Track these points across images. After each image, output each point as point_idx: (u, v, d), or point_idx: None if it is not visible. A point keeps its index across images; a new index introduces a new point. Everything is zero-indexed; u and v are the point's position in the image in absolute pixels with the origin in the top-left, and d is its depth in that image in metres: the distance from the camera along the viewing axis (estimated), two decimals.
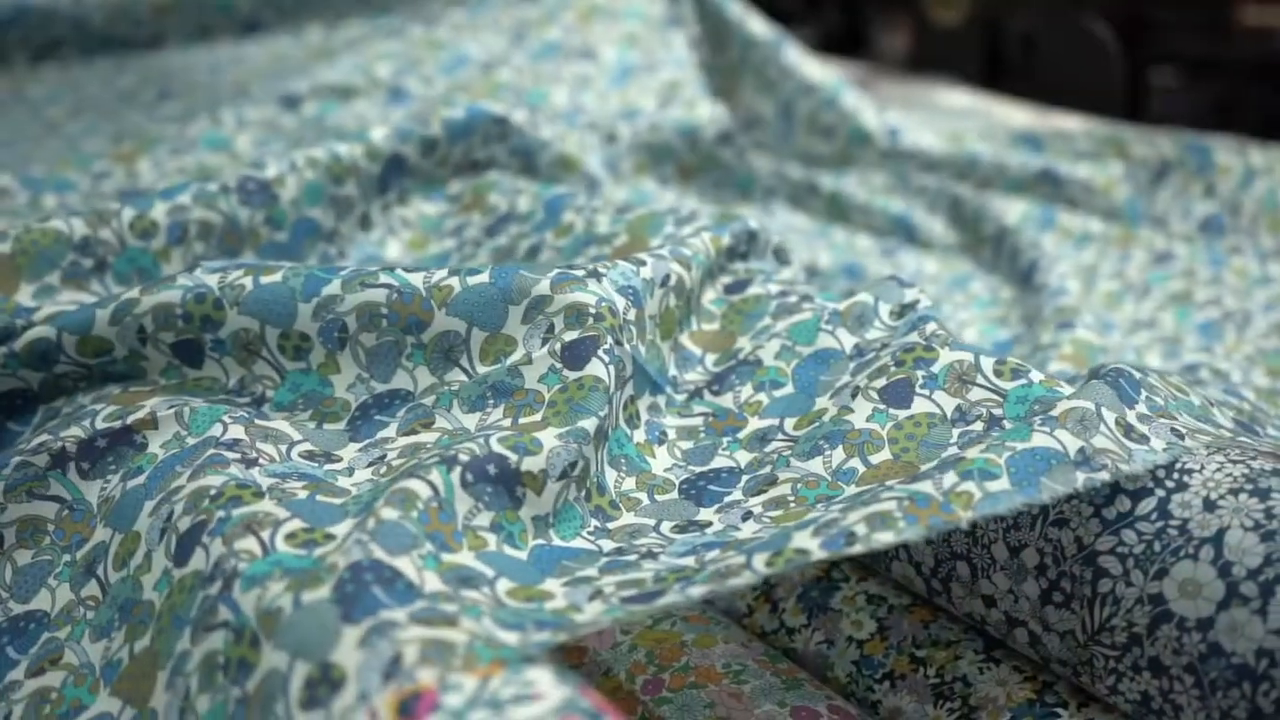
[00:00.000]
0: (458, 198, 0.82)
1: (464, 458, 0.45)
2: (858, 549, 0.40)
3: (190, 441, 0.48)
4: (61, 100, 1.23)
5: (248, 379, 0.54)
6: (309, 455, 0.49)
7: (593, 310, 0.52)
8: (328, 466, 0.48)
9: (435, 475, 0.44)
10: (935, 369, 0.52)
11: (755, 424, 0.55)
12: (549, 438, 0.47)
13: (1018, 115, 1.48)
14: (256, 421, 0.50)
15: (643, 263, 0.57)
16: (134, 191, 0.70)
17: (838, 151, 1.24)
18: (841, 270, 0.99)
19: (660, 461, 0.53)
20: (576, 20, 1.28)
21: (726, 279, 0.64)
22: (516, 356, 0.52)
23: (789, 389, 0.56)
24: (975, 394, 0.51)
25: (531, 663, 0.36)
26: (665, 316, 0.58)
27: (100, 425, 0.49)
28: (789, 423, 0.54)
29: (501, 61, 1.22)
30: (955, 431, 0.50)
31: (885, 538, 0.40)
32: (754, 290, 0.63)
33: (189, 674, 0.39)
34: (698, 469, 0.53)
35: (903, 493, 0.42)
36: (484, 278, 0.53)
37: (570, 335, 0.52)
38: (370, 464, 0.49)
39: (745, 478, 0.51)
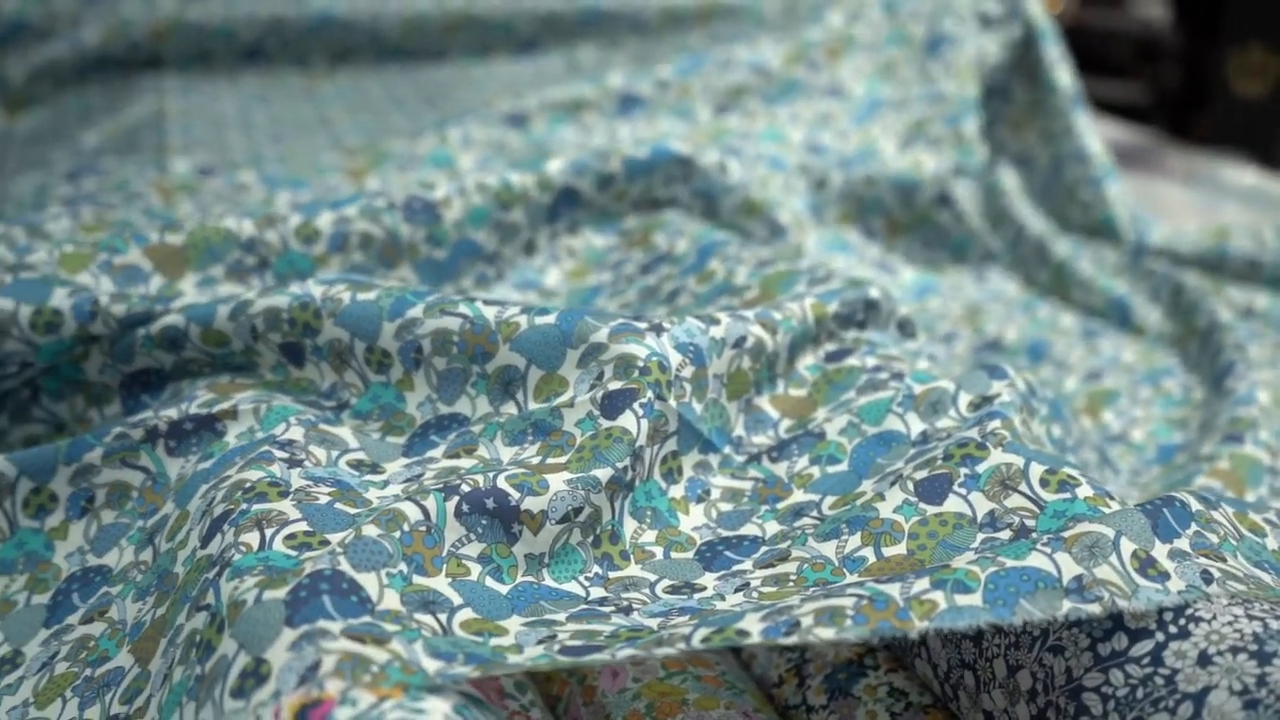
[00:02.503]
0: (629, 233, 0.85)
1: (465, 489, 0.47)
2: (794, 639, 0.40)
3: (258, 436, 0.53)
4: (344, 101, 1.34)
5: (338, 385, 0.58)
6: (356, 464, 0.53)
7: (641, 363, 0.54)
8: (367, 476, 0.52)
9: (431, 501, 0.47)
10: (980, 469, 0.50)
11: (797, 497, 0.54)
12: (558, 481, 0.49)
13: None
14: (319, 425, 0.55)
15: (715, 321, 0.58)
16: (311, 203, 0.77)
17: (1087, 225, 1.18)
18: (1026, 348, 0.95)
19: (691, 519, 0.54)
20: (825, 56, 1.28)
21: (830, 346, 0.64)
22: (563, 398, 0.54)
23: (843, 466, 0.55)
24: (1014, 501, 0.49)
25: (435, 693, 0.38)
26: (735, 377, 0.58)
27: (192, 410, 0.55)
28: (828, 501, 0.53)
29: (747, 90, 1.24)
30: (980, 537, 0.48)
31: (826, 634, 0.40)
32: (851, 361, 0.62)
33: (177, 645, 0.44)
34: (725, 532, 0.53)
35: (866, 591, 0.41)
36: (550, 319, 0.56)
37: (614, 385, 0.53)
38: (406, 480, 0.52)
39: (763, 549, 0.51)
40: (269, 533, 0.45)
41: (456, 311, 0.56)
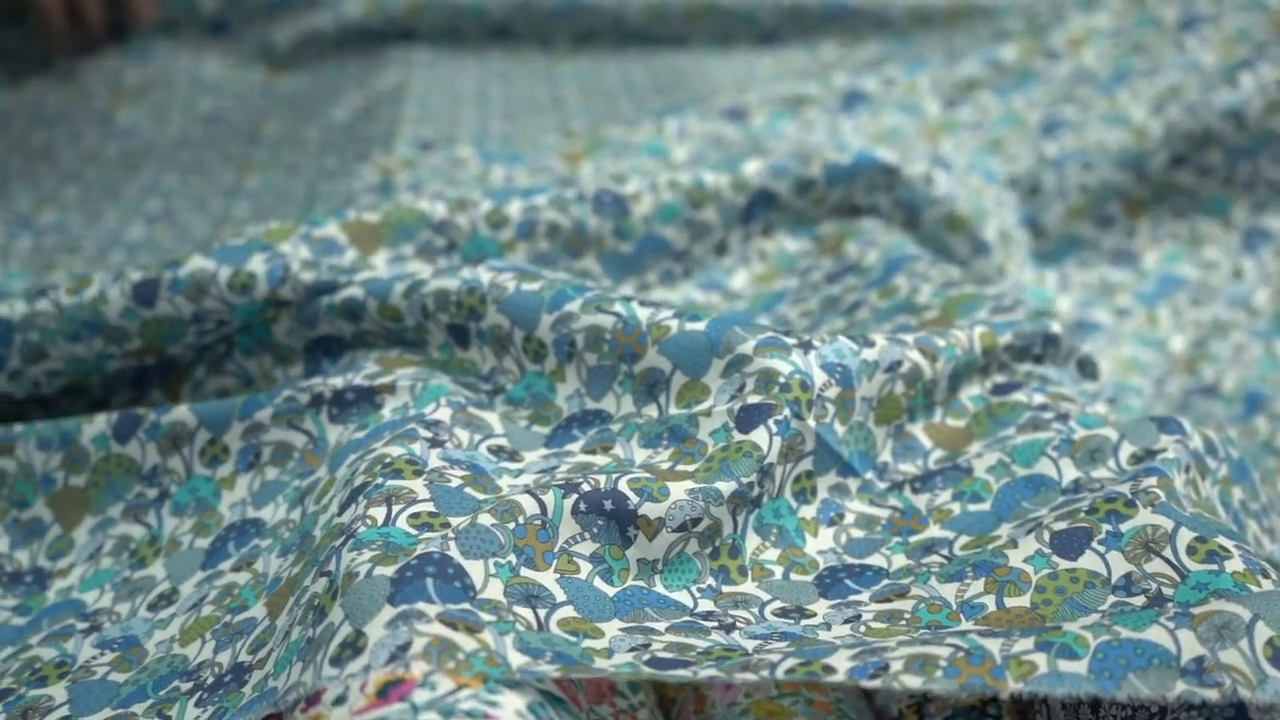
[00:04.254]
0: (822, 239, 0.83)
1: (585, 488, 0.48)
2: (877, 683, 0.39)
3: (410, 413, 0.56)
4: (580, 84, 1.37)
5: (497, 369, 0.60)
6: (496, 450, 0.54)
7: (782, 379, 0.53)
8: (503, 463, 0.54)
9: (549, 496, 0.48)
10: (1124, 527, 0.47)
11: (931, 532, 0.53)
12: (679, 489, 0.49)
13: None
14: (468, 408, 0.56)
15: (870, 343, 0.57)
16: (503, 187, 0.79)
17: None
18: (1244, 396, 0.88)
19: (818, 542, 0.53)
20: (1067, 46, 1.21)
21: (1000, 378, 0.61)
22: (702, 406, 0.54)
23: (985, 506, 0.53)
24: (1154, 566, 0.46)
25: (513, 687, 0.39)
26: (886, 402, 0.57)
27: (356, 381, 0.58)
28: (961, 541, 0.51)
29: (979, 84, 1.19)
30: (1111, 599, 0.45)
31: (913, 681, 0.39)
32: (1018, 396, 0.59)
33: (300, 606, 0.46)
34: (851, 560, 0.52)
35: (965, 642, 0.40)
36: (700, 326, 0.56)
37: (753, 399, 0.53)
38: (540, 471, 0.53)
39: (884, 582, 0.50)
40: (395, 509, 0.47)
41: (612, 310, 0.57)
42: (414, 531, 0.46)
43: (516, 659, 0.40)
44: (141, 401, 0.69)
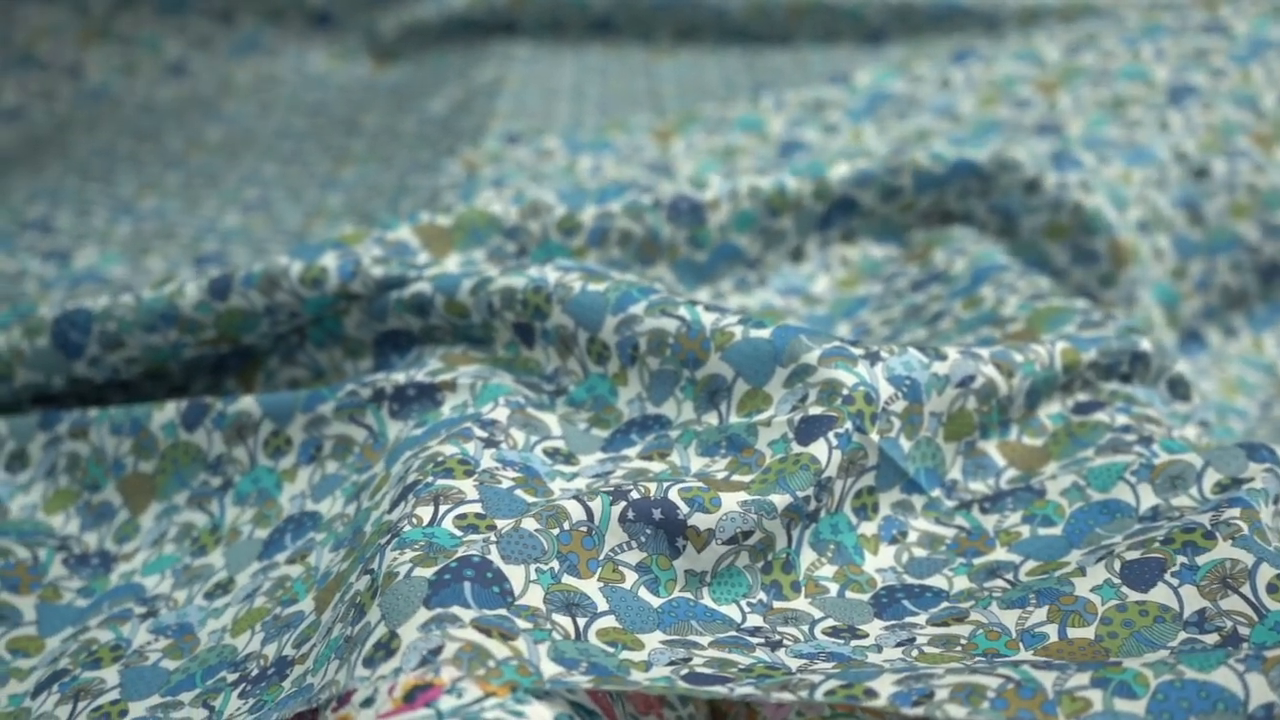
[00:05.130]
0: (911, 246, 0.81)
1: (634, 495, 0.47)
2: (920, 711, 0.37)
3: (469, 411, 0.55)
4: (678, 80, 1.36)
5: (561, 370, 0.59)
6: (552, 452, 0.54)
7: (846, 391, 0.51)
8: (558, 466, 0.53)
9: (597, 503, 0.47)
10: (1201, 560, 0.45)
11: (997, 554, 0.50)
12: (732, 501, 0.47)
13: None
14: (527, 409, 0.56)
15: (941, 356, 0.54)
16: (578, 191, 0.78)
17: None
18: None
19: (878, 560, 0.51)
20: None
21: (1083, 396, 0.59)
22: (762, 416, 0.53)
23: (1056, 530, 0.51)
24: (1231, 602, 0.43)
25: (543, 698, 0.38)
26: (957, 417, 0.55)
27: (418, 377, 0.58)
28: (1027, 566, 0.49)
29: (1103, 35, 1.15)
30: (1181, 636, 0.43)
31: (958, 712, 0.37)
32: (1100, 416, 0.57)
33: (344, 603, 0.46)
34: (911, 580, 0.50)
35: (1018, 674, 0.38)
36: (765, 333, 0.54)
37: (815, 410, 0.51)
38: (595, 475, 0.52)
39: (944, 605, 0.48)
40: (443, 509, 0.46)
41: (676, 314, 0.56)
42: (459, 533, 0.45)
43: (549, 669, 0.40)
44: (219, 389, 0.70)
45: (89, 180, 1.14)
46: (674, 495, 0.47)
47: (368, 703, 0.39)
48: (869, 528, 0.52)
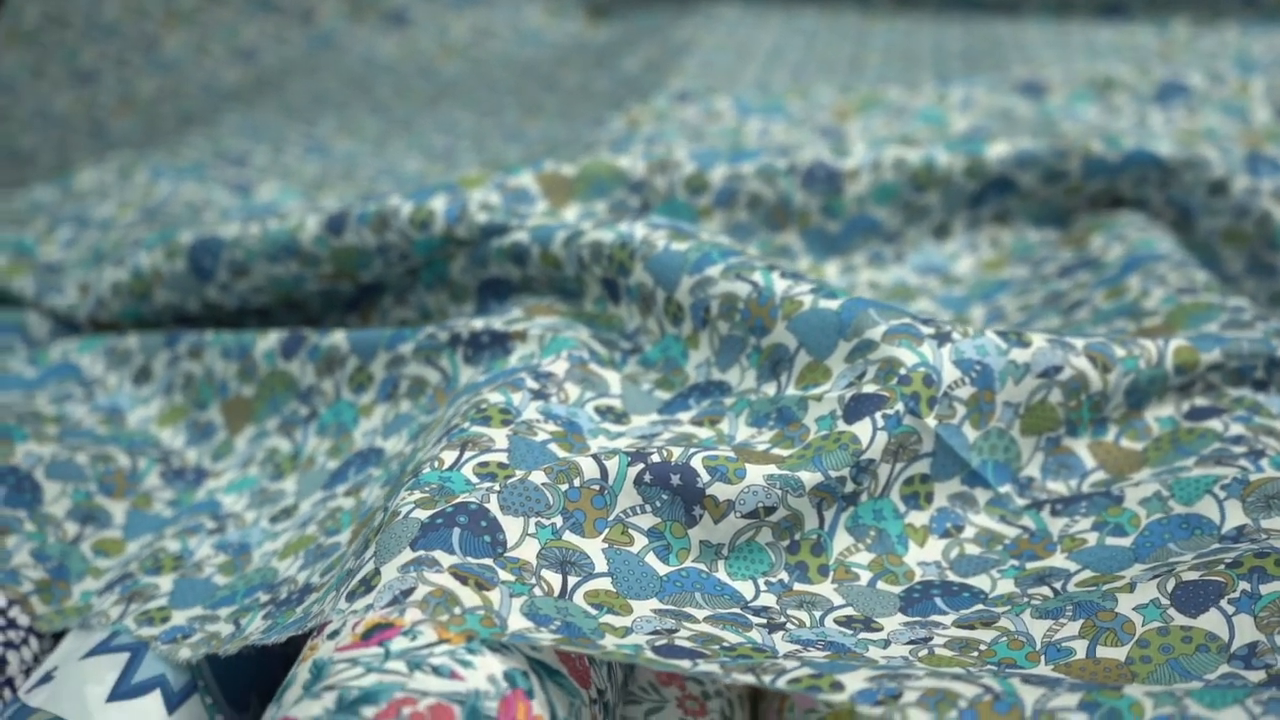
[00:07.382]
0: (1070, 229, 0.75)
1: (655, 459, 0.46)
2: (880, 711, 0.35)
3: (533, 362, 0.55)
4: (887, 47, 1.31)
5: (641, 328, 0.58)
6: (605, 410, 0.53)
7: (904, 371, 0.48)
8: (605, 424, 0.52)
9: (613, 462, 0.45)
10: (1265, 589, 0.40)
11: (1053, 561, 0.46)
12: (758, 474, 0.45)
13: None
14: (589, 364, 0.55)
15: (1024, 343, 0.50)
16: (712, 150, 0.75)
17: None
18: None
19: (923, 553, 0.48)
20: None
21: (1201, 401, 0.53)
22: (818, 390, 0.50)
23: (1125, 542, 0.46)
24: None
25: (499, 651, 0.38)
26: (1038, 410, 0.50)
27: (494, 326, 0.58)
28: (1079, 578, 0.45)
29: None
30: (1223, 669, 0.38)
31: (920, 717, 0.34)
32: (1212, 423, 0.51)
33: (360, 537, 0.47)
34: (953, 577, 0.46)
35: (1001, 686, 0.35)
36: (834, 304, 0.51)
37: (869, 389, 0.48)
38: (640, 437, 0.51)
39: (977, 607, 0.44)
40: (467, 455, 0.46)
41: (750, 278, 0.54)
42: (475, 480, 0.45)
43: (517, 623, 0.39)
44: (345, 324, 0.73)
45: (293, 120, 1.20)
46: (696, 462, 0.45)
47: (333, 635, 0.39)
48: (919, 518, 0.49)
